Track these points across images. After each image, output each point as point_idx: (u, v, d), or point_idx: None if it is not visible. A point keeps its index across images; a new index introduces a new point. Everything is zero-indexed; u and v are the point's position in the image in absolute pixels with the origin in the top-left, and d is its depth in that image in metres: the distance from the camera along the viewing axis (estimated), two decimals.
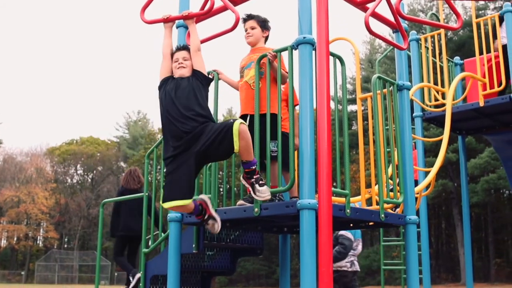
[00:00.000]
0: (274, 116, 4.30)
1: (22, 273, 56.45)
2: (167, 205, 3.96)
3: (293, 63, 4.13)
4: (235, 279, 46.12)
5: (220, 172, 32.20)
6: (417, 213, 5.87)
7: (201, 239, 4.99)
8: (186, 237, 4.98)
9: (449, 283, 36.64)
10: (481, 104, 7.77)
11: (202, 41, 4.82)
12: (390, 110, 4.77)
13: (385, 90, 4.77)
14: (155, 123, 72.18)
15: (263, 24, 4.91)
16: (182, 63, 4.25)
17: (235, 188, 6.07)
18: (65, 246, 62.72)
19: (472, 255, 9.49)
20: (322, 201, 3.56)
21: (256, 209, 4.06)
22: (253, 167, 3.99)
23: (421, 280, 7.15)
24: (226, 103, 69.75)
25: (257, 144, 4.22)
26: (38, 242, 64.01)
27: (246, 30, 4.92)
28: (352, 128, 38.46)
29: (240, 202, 4.50)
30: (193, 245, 4.95)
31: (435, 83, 8.43)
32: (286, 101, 4.58)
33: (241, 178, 4.07)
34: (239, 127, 3.80)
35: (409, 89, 4.96)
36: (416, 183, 7.06)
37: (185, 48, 4.35)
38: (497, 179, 33.86)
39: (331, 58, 4.11)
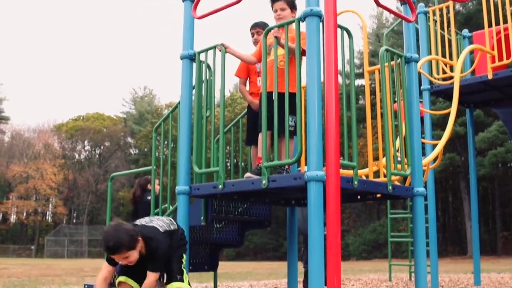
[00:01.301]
0: (294, 94, 4.28)
1: (32, 247, 57.11)
2: None
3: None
4: (242, 253, 46.53)
5: (228, 147, 32.35)
6: (424, 186, 5.89)
7: (209, 212, 5.04)
8: (195, 209, 5.02)
9: (455, 256, 36.84)
10: (490, 76, 7.72)
11: (208, 14, 4.82)
12: (398, 82, 4.76)
13: (392, 63, 4.75)
14: (162, 98, 72.32)
15: (292, 4, 4.91)
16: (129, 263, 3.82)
17: (242, 163, 6.11)
18: (74, 221, 63.32)
19: (479, 228, 9.52)
20: (330, 173, 3.58)
21: (264, 181, 4.08)
22: None
23: (428, 252, 7.20)
24: (233, 78, 69.46)
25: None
26: (47, 217, 64.64)
27: (276, 11, 4.90)
28: (360, 103, 38.33)
29: (248, 174, 4.53)
30: (202, 218, 5.00)
31: (443, 56, 8.37)
32: None
33: None
34: None
35: (417, 62, 4.94)
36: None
37: (119, 250, 3.71)
38: (505, 152, 33.80)
39: (338, 30, 4.09)
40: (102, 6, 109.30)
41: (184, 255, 4.15)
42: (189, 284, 4.06)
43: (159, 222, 4.10)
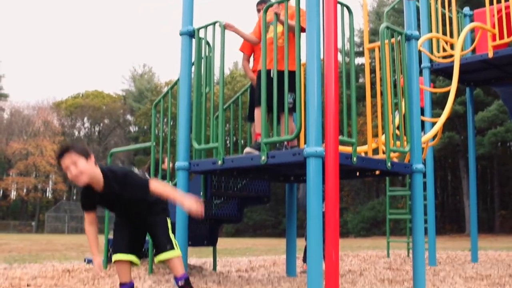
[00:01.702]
0: (293, 72, 4.26)
1: (33, 223, 57.42)
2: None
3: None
4: (241, 229, 46.80)
5: (227, 125, 32.30)
6: (423, 163, 5.91)
7: (208, 188, 5.07)
8: (194, 185, 5.06)
9: (453, 234, 37.07)
10: (490, 55, 7.70)
11: None
12: (398, 60, 4.75)
13: (393, 40, 4.74)
14: (161, 76, 71.94)
15: None
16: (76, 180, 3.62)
17: (241, 140, 6.13)
18: (74, 197, 63.55)
19: (477, 206, 9.56)
20: (328, 149, 3.60)
21: (263, 157, 4.11)
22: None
23: (426, 230, 7.25)
24: (232, 56, 69.32)
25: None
26: (47, 193, 64.89)
27: None
28: (359, 81, 38.24)
29: (247, 149, 4.54)
30: (201, 193, 5.03)
31: (444, 34, 8.33)
32: None
33: None
34: None
35: (417, 39, 4.93)
36: (422, 110, 7.06)
37: (69, 150, 3.59)
38: (504, 132, 33.82)
39: (338, 7, 4.07)
40: None
41: (169, 220, 3.88)
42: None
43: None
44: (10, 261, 8.33)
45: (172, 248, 3.71)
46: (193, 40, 4.98)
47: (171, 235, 3.80)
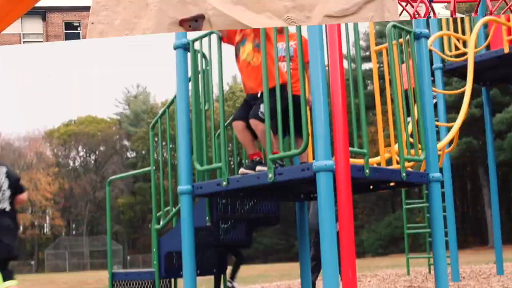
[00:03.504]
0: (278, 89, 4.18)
1: (32, 262, 57.25)
2: None
3: None
4: (252, 256, 46.44)
5: (230, 145, 32.28)
6: (440, 172, 5.84)
7: (214, 211, 5.01)
8: (199, 210, 4.99)
9: (476, 247, 36.74)
10: (506, 50, 7.64)
11: None
12: (408, 61, 4.71)
13: (401, 40, 4.71)
14: (157, 96, 71.73)
15: None
16: None
17: (246, 160, 6.07)
18: (73, 232, 63.41)
19: (500, 216, 9.47)
20: (339, 161, 3.54)
21: (270, 175, 4.05)
22: None
23: (447, 243, 7.15)
24: (231, 69, 69.42)
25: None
26: (45, 230, 64.75)
27: None
28: (368, 89, 38.20)
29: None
30: (206, 218, 4.97)
31: (455, 31, 8.30)
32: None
33: None
34: None
35: (427, 37, 4.88)
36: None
37: None
38: None
39: None
40: None
41: None
42: None
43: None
44: None
45: None
46: (188, 53, 4.93)
47: None
